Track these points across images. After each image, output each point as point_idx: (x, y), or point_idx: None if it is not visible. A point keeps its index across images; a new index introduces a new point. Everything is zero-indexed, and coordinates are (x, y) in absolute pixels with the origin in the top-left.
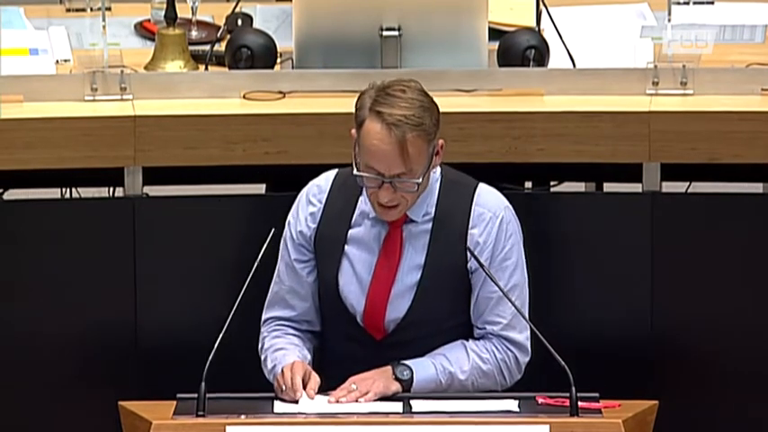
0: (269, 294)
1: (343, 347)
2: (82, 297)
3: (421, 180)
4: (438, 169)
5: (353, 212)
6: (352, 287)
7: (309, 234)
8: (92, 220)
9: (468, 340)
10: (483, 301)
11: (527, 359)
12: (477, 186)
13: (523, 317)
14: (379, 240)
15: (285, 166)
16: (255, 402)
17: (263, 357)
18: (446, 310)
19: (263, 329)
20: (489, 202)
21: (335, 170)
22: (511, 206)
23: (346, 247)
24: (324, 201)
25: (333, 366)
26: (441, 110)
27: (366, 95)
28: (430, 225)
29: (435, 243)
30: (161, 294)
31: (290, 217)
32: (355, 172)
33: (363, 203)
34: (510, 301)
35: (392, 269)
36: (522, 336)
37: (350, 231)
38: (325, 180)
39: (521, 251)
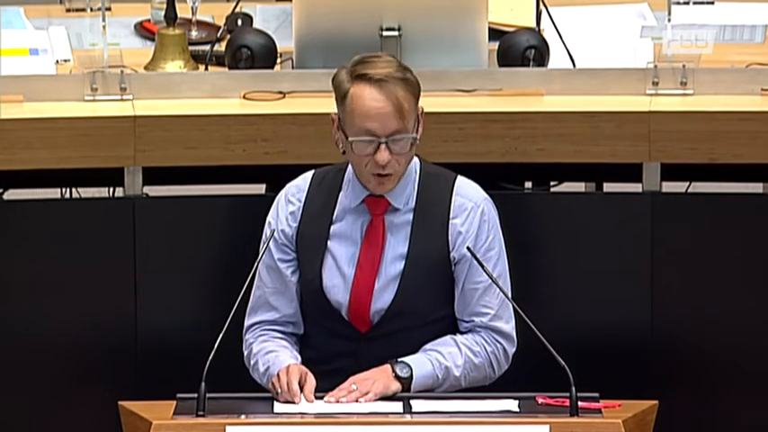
0: (251, 300)
1: (327, 344)
2: (82, 297)
3: (415, 134)
4: (416, 161)
5: (335, 208)
6: (336, 281)
7: (291, 233)
8: (92, 220)
9: (456, 334)
10: (468, 292)
11: (514, 349)
12: (456, 178)
13: (514, 307)
14: (361, 231)
15: (285, 166)
16: (255, 402)
17: (252, 362)
18: (430, 300)
19: (247, 336)
20: (469, 193)
21: (312, 171)
22: (490, 198)
23: (329, 243)
24: (303, 199)
25: (318, 363)
26: (441, 110)
27: (341, 73)
28: (411, 215)
29: (417, 233)
30: (161, 294)
31: (269, 218)
32: (350, 138)
33: (344, 198)
34: (500, 289)
35: (375, 259)
36: (509, 326)
37: (332, 227)
38: (303, 180)
39: (502, 242)
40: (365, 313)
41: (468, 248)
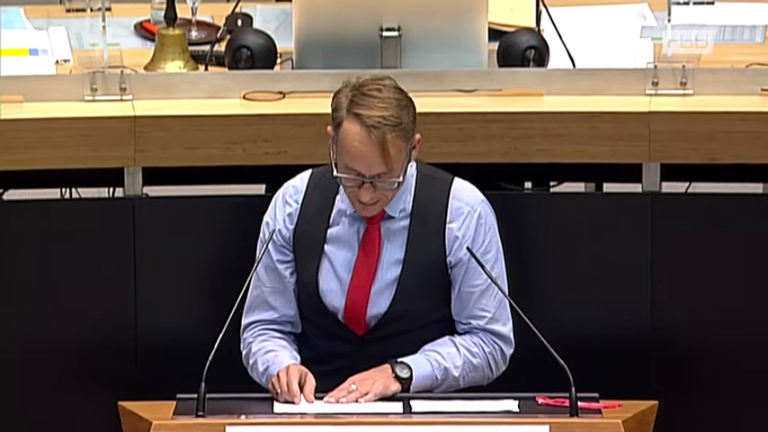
0: (248, 299)
1: (324, 345)
2: (82, 297)
3: (401, 178)
4: (413, 164)
5: (331, 211)
6: (333, 285)
7: (288, 235)
8: (92, 220)
9: (454, 336)
10: (465, 295)
11: (511, 351)
12: (452, 180)
13: (514, 307)
14: (357, 238)
15: (285, 166)
16: (255, 402)
17: (251, 361)
18: (427, 304)
19: (245, 335)
20: (466, 196)
21: (310, 170)
22: (487, 200)
23: (326, 246)
24: (300, 201)
25: (316, 363)
26: (441, 110)
27: (342, 95)
28: (408, 221)
29: (414, 238)
30: (161, 294)
31: (266, 218)
32: (335, 173)
33: (341, 202)
34: (500, 288)
35: (372, 266)
36: (506, 328)
37: (329, 230)
38: (301, 180)
39: (499, 244)
40: (361, 318)
41: (467, 248)
